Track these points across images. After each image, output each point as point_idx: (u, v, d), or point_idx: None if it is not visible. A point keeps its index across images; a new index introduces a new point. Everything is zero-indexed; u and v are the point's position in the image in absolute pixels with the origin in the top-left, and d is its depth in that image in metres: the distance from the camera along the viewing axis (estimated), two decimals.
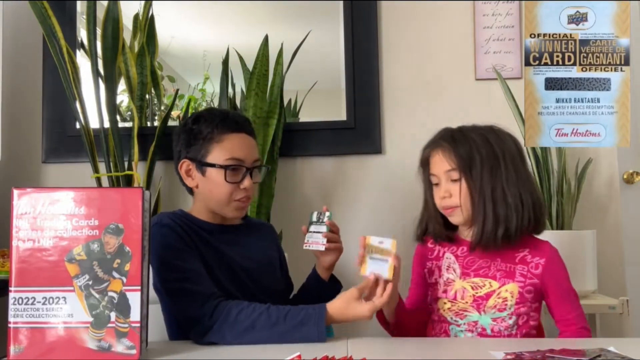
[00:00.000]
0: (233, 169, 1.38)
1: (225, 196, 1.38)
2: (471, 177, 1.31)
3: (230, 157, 1.38)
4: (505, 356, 1.04)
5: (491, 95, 2.17)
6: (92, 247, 1.06)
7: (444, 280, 1.36)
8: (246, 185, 1.39)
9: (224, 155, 1.38)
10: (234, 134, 1.40)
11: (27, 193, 1.07)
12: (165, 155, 2.17)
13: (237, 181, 1.38)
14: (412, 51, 2.24)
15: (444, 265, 1.38)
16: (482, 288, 1.32)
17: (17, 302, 1.05)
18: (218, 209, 1.42)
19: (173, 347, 1.21)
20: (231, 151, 1.39)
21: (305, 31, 2.07)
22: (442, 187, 1.34)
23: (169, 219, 1.37)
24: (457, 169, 1.32)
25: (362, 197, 2.19)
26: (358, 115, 2.19)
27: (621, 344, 1.13)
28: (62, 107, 2.16)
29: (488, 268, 1.34)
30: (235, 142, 1.40)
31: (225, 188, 1.38)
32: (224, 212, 1.42)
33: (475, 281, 1.33)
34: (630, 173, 2.39)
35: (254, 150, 1.44)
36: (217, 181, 1.38)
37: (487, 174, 1.31)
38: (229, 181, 1.37)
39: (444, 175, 1.34)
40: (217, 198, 1.40)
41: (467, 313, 1.32)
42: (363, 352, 1.07)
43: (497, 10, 2.23)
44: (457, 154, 1.32)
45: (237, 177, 1.39)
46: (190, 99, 2.33)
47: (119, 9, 2.01)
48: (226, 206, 1.40)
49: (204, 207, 1.44)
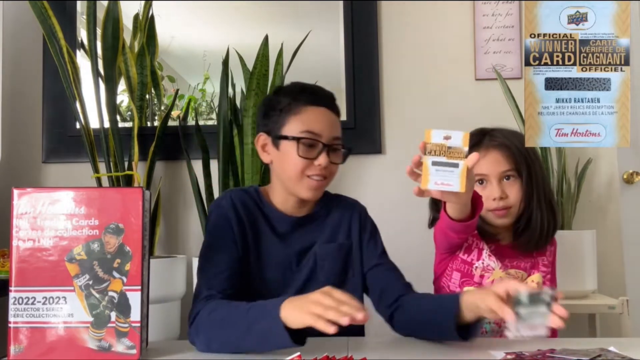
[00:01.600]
0: (308, 143, 1.26)
1: (297, 172, 1.26)
2: (530, 180, 1.33)
3: (306, 130, 1.26)
4: (505, 356, 1.04)
5: (491, 95, 2.17)
6: (92, 247, 1.06)
7: (483, 264, 1.35)
8: (321, 162, 1.26)
9: (300, 127, 1.27)
10: (313, 106, 1.29)
11: (27, 193, 1.07)
12: (165, 155, 2.18)
13: (312, 157, 1.26)
14: (412, 51, 2.24)
15: (485, 251, 1.36)
16: (516, 279, 1.33)
17: (17, 302, 1.05)
18: (291, 187, 1.29)
19: (173, 347, 1.21)
20: (307, 124, 1.27)
21: (305, 31, 2.07)
22: (495, 188, 1.34)
23: (229, 198, 1.30)
24: (514, 170, 1.34)
25: (362, 197, 2.17)
26: (358, 115, 2.19)
27: (621, 344, 1.13)
28: (62, 107, 2.16)
29: (519, 261, 1.38)
30: (313, 115, 1.28)
31: (298, 163, 1.26)
32: (297, 191, 1.29)
33: (511, 272, 1.36)
34: (630, 173, 2.39)
35: (334, 128, 1.31)
36: (290, 155, 1.26)
37: (540, 178, 1.35)
38: (302, 156, 1.25)
39: (498, 176, 1.34)
40: (289, 174, 1.28)
41: None
42: (363, 352, 1.07)
43: (497, 10, 2.23)
44: (516, 154, 1.34)
45: (312, 152, 1.26)
46: (190, 99, 2.33)
47: (119, 9, 2.01)
48: (298, 183, 1.27)
49: (279, 186, 1.33)
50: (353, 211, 1.39)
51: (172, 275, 1.92)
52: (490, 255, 1.35)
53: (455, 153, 0.94)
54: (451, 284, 1.37)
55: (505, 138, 1.37)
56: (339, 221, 1.37)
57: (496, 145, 1.36)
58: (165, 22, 2.25)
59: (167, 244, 2.19)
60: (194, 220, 2.17)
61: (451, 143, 0.95)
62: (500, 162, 1.34)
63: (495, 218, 1.35)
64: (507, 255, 1.37)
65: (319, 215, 1.37)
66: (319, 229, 1.35)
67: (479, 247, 1.36)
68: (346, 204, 1.41)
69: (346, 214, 1.38)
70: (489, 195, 1.33)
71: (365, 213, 1.42)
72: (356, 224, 1.37)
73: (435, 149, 0.95)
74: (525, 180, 1.34)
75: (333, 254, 1.34)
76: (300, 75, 1.53)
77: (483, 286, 1.32)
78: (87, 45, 2.06)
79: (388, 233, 1.41)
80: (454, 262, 1.37)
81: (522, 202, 1.34)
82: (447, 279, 1.38)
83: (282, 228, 1.33)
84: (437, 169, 0.95)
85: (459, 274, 1.35)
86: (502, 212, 1.34)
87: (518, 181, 1.34)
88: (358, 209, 1.41)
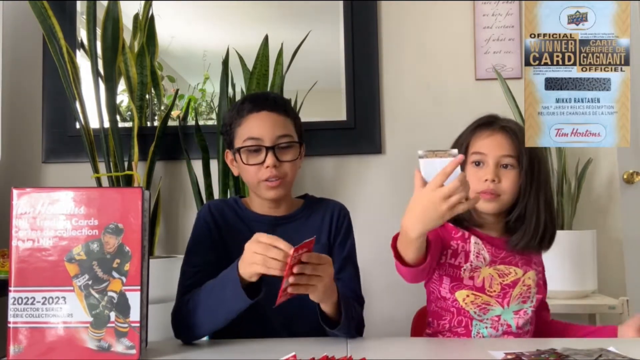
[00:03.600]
0: (252, 149, 1.33)
1: (252, 179, 1.34)
2: (531, 174, 1.30)
3: (247, 137, 1.34)
4: (505, 356, 1.04)
5: (491, 95, 2.17)
6: (91, 247, 1.06)
7: (471, 266, 1.30)
8: (268, 163, 1.31)
9: (243, 137, 1.35)
10: (252, 113, 1.36)
11: (27, 193, 1.07)
12: (165, 155, 2.17)
13: (260, 162, 1.33)
14: (412, 51, 2.24)
15: (472, 250, 1.31)
16: (508, 276, 1.32)
17: (17, 302, 1.05)
18: (255, 192, 1.38)
19: (173, 347, 1.21)
20: (248, 131, 1.34)
21: (305, 31, 2.07)
22: (491, 169, 1.30)
23: (207, 209, 1.39)
24: (514, 157, 1.30)
25: (362, 197, 2.19)
26: (358, 115, 2.19)
27: (621, 344, 1.13)
28: (62, 107, 2.16)
29: (512, 256, 1.34)
30: (253, 121, 1.35)
31: (249, 170, 1.34)
32: (260, 194, 1.37)
33: (500, 268, 1.32)
34: (630, 173, 2.39)
35: (277, 127, 1.35)
36: (243, 164, 1.35)
37: (543, 177, 1.31)
38: (248, 163, 1.33)
39: (496, 159, 1.30)
40: (248, 182, 1.37)
41: (490, 307, 1.30)
42: (362, 352, 1.07)
43: (497, 10, 2.23)
44: (521, 144, 1.30)
45: (259, 157, 1.33)
46: (190, 99, 2.33)
47: (119, 9, 2.01)
48: (257, 188, 1.36)
49: (252, 193, 1.41)
50: (333, 212, 1.42)
51: (171, 275, 1.90)
52: (478, 254, 1.31)
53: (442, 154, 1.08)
54: (442, 289, 1.33)
55: (516, 126, 1.35)
56: (320, 222, 1.41)
57: (504, 128, 1.33)
58: (165, 22, 2.25)
59: (167, 244, 2.19)
60: (193, 220, 2.17)
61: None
62: (502, 146, 1.31)
63: (483, 202, 1.29)
64: (501, 248, 1.33)
65: (300, 217, 1.42)
66: (298, 230, 1.38)
67: (465, 249, 1.31)
68: (327, 206, 1.44)
69: (327, 215, 1.42)
70: (482, 176, 1.30)
71: (344, 215, 1.44)
72: (334, 225, 1.41)
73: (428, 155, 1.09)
74: (525, 172, 1.29)
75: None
76: (300, 75, 1.54)
77: (475, 288, 1.30)
78: (86, 45, 2.06)
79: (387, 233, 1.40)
80: (441, 268, 1.33)
81: (516, 194, 1.30)
82: (436, 284, 1.34)
83: (260, 228, 1.35)
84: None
85: (448, 279, 1.32)
86: (490, 196, 1.29)
87: (515, 172, 1.30)
88: (337, 211, 1.43)
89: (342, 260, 1.39)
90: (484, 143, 1.32)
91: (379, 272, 1.96)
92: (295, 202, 1.45)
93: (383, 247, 1.37)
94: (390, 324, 1.91)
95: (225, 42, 2.11)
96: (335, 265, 1.35)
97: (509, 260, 1.33)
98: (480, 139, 1.34)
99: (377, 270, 1.85)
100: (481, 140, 1.33)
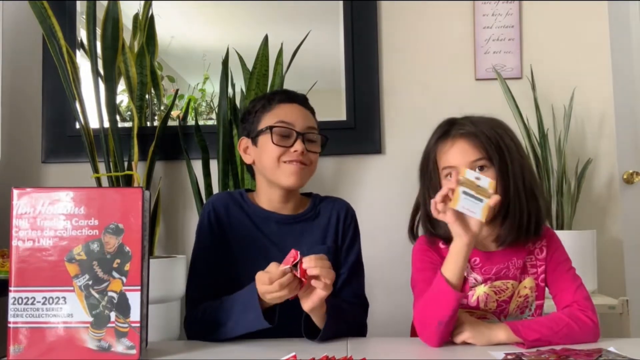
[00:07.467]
0: (282, 132, 1.34)
1: (274, 159, 1.33)
2: (505, 168, 1.22)
3: (279, 120, 1.35)
4: (505, 356, 1.04)
5: (491, 95, 2.17)
6: (92, 247, 1.06)
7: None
8: (297, 148, 1.33)
9: (273, 119, 1.35)
10: (285, 103, 1.39)
11: (27, 193, 1.07)
12: (165, 155, 2.17)
13: (288, 145, 1.33)
14: (412, 51, 2.24)
15: (467, 267, 1.24)
16: (505, 292, 1.27)
17: (17, 302, 1.05)
18: (272, 177, 1.35)
19: (173, 347, 1.21)
20: (280, 115, 1.36)
21: (305, 31, 2.07)
22: None
23: (210, 205, 1.38)
24: (486, 159, 1.22)
25: (362, 197, 2.19)
26: (358, 115, 2.19)
27: (621, 344, 1.13)
28: (62, 107, 2.16)
29: (507, 269, 1.28)
30: (286, 109, 1.38)
31: (274, 150, 1.33)
32: (277, 179, 1.35)
33: (497, 285, 1.27)
34: (630, 173, 2.39)
35: (307, 119, 1.39)
36: (267, 146, 1.34)
37: (517, 165, 1.23)
38: (277, 143, 1.33)
39: (467, 166, 1.21)
40: (267, 163, 1.35)
41: (487, 319, 1.28)
42: (363, 352, 1.07)
43: (497, 10, 2.23)
44: (485, 142, 1.22)
45: (288, 141, 1.34)
46: (190, 99, 2.33)
47: (119, 9, 2.01)
48: (277, 171, 1.34)
49: (264, 184, 1.40)
50: (339, 213, 1.42)
51: (171, 275, 1.92)
52: (474, 269, 1.27)
53: (482, 192, 1.10)
54: None
55: (473, 125, 1.25)
56: (327, 223, 1.41)
57: (463, 134, 1.24)
58: (165, 22, 2.25)
59: (167, 244, 2.19)
60: (193, 220, 2.17)
61: (480, 184, 1.10)
62: (468, 152, 1.23)
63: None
64: (497, 262, 1.27)
65: (307, 217, 1.41)
66: (307, 231, 1.39)
67: None
68: (333, 207, 1.44)
69: (333, 216, 1.42)
70: None
71: (350, 215, 1.44)
72: (340, 226, 1.41)
73: (467, 183, 1.10)
74: (499, 169, 1.21)
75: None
76: (300, 75, 1.54)
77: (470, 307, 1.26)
78: (86, 45, 2.06)
79: (387, 232, 1.41)
80: None
81: (502, 190, 1.20)
82: None
83: (267, 226, 1.37)
84: (466, 198, 1.10)
85: None
86: None
87: (492, 170, 1.22)
88: (344, 211, 1.43)
89: (350, 265, 1.39)
90: (450, 155, 1.25)
91: (379, 273, 1.97)
92: (303, 200, 1.45)
93: (383, 247, 1.37)
94: (390, 324, 1.91)
95: (225, 42, 2.11)
96: (343, 268, 1.39)
97: (505, 274, 1.27)
98: (444, 151, 1.27)
99: (377, 271, 1.85)
100: (446, 153, 1.26)
